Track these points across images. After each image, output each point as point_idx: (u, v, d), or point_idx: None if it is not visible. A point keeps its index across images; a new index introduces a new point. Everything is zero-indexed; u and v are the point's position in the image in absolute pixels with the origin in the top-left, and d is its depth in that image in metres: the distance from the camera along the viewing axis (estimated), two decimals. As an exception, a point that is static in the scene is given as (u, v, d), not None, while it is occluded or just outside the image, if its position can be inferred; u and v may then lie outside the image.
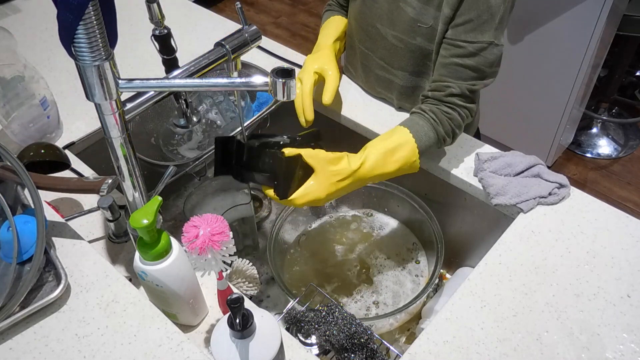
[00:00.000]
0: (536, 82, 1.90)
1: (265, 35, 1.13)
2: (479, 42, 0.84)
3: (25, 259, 0.70)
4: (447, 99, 0.89)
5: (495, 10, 0.82)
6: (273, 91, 0.58)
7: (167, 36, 0.91)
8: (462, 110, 0.90)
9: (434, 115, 0.89)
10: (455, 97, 0.89)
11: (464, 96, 0.89)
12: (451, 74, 0.88)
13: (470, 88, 0.88)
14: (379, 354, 0.76)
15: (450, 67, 0.88)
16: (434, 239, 0.97)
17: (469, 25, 0.84)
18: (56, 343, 0.66)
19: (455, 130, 0.91)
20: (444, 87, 0.89)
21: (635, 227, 0.85)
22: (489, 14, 0.82)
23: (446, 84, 0.88)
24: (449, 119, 0.89)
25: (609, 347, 0.70)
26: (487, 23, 0.83)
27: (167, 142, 1.17)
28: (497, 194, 0.89)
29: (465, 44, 0.85)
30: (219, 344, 0.59)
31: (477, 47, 0.85)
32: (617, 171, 2.19)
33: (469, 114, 0.91)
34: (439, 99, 0.90)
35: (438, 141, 0.90)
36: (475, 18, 0.83)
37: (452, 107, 0.89)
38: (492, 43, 0.85)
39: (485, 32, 0.84)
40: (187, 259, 0.66)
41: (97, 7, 0.53)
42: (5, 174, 0.75)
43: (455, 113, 0.89)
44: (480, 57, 0.86)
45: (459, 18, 0.84)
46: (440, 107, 0.90)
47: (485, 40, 0.84)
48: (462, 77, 0.88)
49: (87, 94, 0.59)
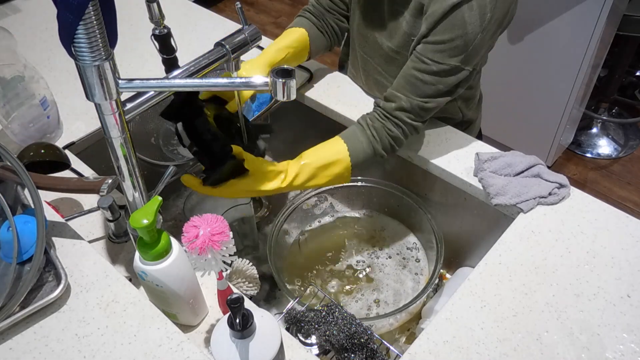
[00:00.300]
0: (536, 82, 1.90)
1: (265, 35, 1.13)
2: (444, 64, 0.83)
3: (25, 259, 0.70)
4: (395, 112, 0.89)
5: (470, 38, 0.80)
6: (273, 91, 0.58)
7: (167, 36, 0.91)
8: (408, 127, 0.89)
9: (375, 132, 0.89)
10: (404, 112, 0.88)
11: (413, 112, 0.88)
12: (408, 86, 0.87)
13: (422, 105, 0.87)
14: (379, 354, 0.76)
15: (409, 79, 0.87)
16: (434, 239, 0.97)
17: (439, 46, 0.82)
18: (56, 343, 0.66)
19: (395, 147, 0.91)
20: (396, 98, 0.88)
21: (635, 227, 0.85)
22: (463, 40, 0.81)
23: (399, 95, 0.88)
24: (390, 137, 0.89)
25: (609, 347, 0.70)
26: (458, 49, 0.82)
27: (167, 142, 1.17)
28: (497, 194, 0.89)
29: (430, 62, 0.84)
30: (219, 344, 0.59)
31: (440, 67, 0.83)
32: (617, 171, 2.19)
33: (414, 132, 0.91)
34: (388, 111, 0.89)
35: (374, 156, 0.91)
36: (447, 41, 0.81)
37: (398, 123, 0.89)
38: (457, 67, 0.84)
39: (454, 57, 0.82)
40: (187, 259, 0.66)
41: (97, 7, 0.53)
42: (5, 174, 0.75)
43: (399, 130, 0.89)
44: (441, 78, 0.85)
45: (432, 37, 0.83)
46: (386, 122, 0.89)
47: (451, 64, 0.83)
48: (417, 92, 0.86)
49: (87, 94, 0.59)
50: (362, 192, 1.12)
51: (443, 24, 0.81)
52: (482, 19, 0.79)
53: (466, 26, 0.79)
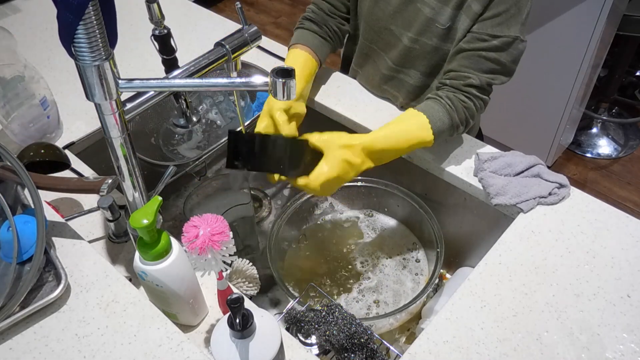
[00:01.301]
0: (536, 82, 1.90)
1: (265, 35, 1.13)
2: (505, 37, 0.85)
3: (25, 259, 0.70)
4: (465, 88, 0.89)
5: (522, 4, 0.84)
6: (273, 91, 0.58)
7: (167, 36, 0.91)
8: (478, 101, 0.90)
9: (450, 102, 0.89)
10: (474, 87, 0.89)
11: (481, 88, 0.89)
12: (473, 64, 0.88)
13: (490, 81, 0.89)
14: (379, 354, 0.76)
15: (472, 59, 0.88)
16: (434, 239, 0.97)
17: (497, 19, 0.84)
18: (56, 343, 0.66)
19: (469, 119, 0.91)
20: (464, 77, 0.89)
21: (635, 227, 0.85)
22: (517, 8, 0.83)
23: (466, 74, 0.89)
24: (464, 107, 0.90)
25: (609, 347, 0.70)
26: (514, 17, 0.84)
27: (167, 142, 1.17)
28: (497, 194, 0.89)
29: (491, 38, 0.86)
30: (219, 344, 0.59)
31: (503, 41, 0.85)
32: (617, 171, 2.19)
33: (483, 106, 0.92)
34: (457, 87, 0.90)
35: (452, 127, 0.90)
36: (503, 12, 0.84)
37: (469, 96, 0.90)
38: (517, 38, 0.86)
39: (512, 27, 0.85)
40: (187, 259, 0.66)
41: (97, 7, 0.53)
42: (5, 174, 0.75)
43: (471, 103, 0.90)
44: (505, 52, 0.86)
45: (487, 12, 0.85)
46: (458, 94, 0.90)
47: (511, 34, 0.85)
48: (483, 69, 0.88)
49: (87, 94, 0.59)
50: (362, 192, 1.12)
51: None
52: None
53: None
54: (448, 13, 0.89)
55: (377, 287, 1.01)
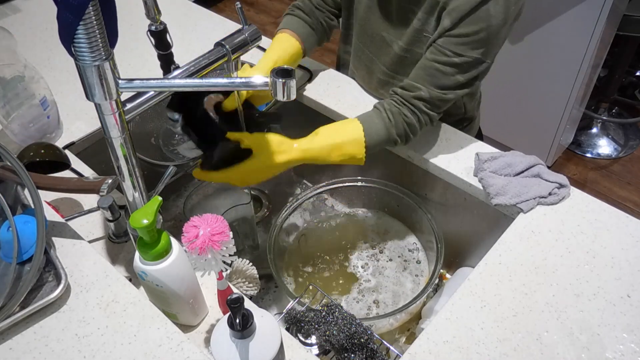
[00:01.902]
0: (536, 82, 1.90)
1: (265, 35, 1.13)
2: (466, 56, 0.83)
3: (25, 259, 0.70)
4: (413, 101, 0.89)
5: (493, 31, 0.81)
6: (273, 91, 0.58)
7: (162, 32, 0.91)
8: (423, 116, 0.89)
9: (392, 116, 0.89)
10: (422, 101, 0.88)
11: (431, 103, 0.88)
12: (427, 77, 0.87)
13: (441, 97, 0.87)
14: (379, 354, 0.76)
15: (428, 71, 0.87)
16: (434, 239, 0.97)
17: (463, 39, 0.83)
18: (56, 343, 0.66)
19: (409, 135, 0.91)
20: (415, 87, 0.88)
21: (635, 227, 0.85)
22: (486, 33, 0.81)
23: (418, 85, 0.88)
24: (406, 122, 0.89)
25: (609, 347, 0.70)
26: (481, 41, 0.82)
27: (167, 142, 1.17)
28: (497, 194, 0.89)
29: (452, 54, 0.84)
30: (219, 344, 0.59)
31: (462, 59, 0.84)
32: (617, 171, 2.19)
33: (429, 122, 0.91)
34: (405, 99, 0.90)
35: (389, 141, 0.91)
36: (471, 34, 0.82)
37: (414, 111, 0.89)
38: (478, 59, 0.84)
39: (476, 49, 0.83)
40: (187, 259, 0.66)
41: (97, 7, 0.53)
42: (5, 174, 0.75)
43: (414, 118, 0.89)
44: (462, 70, 0.85)
45: (456, 30, 0.83)
46: (402, 108, 0.89)
47: (473, 56, 0.83)
48: (437, 84, 0.87)
49: (87, 94, 0.59)
50: (362, 192, 1.12)
51: (469, 19, 0.81)
52: (507, 12, 0.81)
53: (490, 19, 0.80)
54: (432, 24, 0.89)
55: (377, 287, 1.01)
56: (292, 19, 1.06)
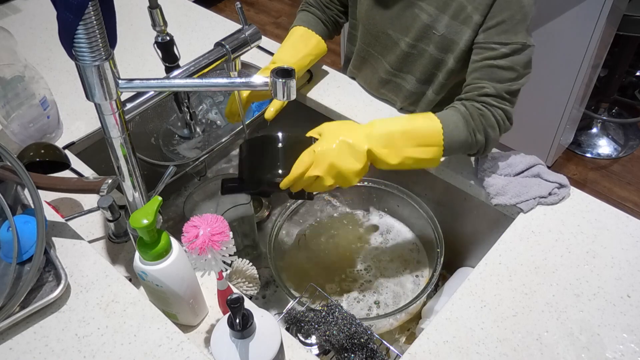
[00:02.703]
0: (536, 82, 1.90)
1: (265, 35, 1.13)
2: (512, 44, 0.83)
3: (25, 259, 0.70)
4: (480, 98, 0.86)
5: (527, 10, 0.82)
6: (273, 91, 0.58)
7: (169, 43, 0.90)
8: (496, 110, 0.85)
9: (466, 109, 0.85)
10: (490, 97, 0.85)
11: (499, 97, 0.86)
12: (485, 76, 0.85)
13: (507, 89, 0.85)
14: (379, 354, 0.76)
15: (484, 70, 0.85)
16: (434, 239, 0.97)
17: (502, 26, 0.83)
18: (56, 343, 0.66)
19: (487, 129, 0.85)
20: (478, 87, 0.86)
21: (635, 227, 0.85)
22: (522, 14, 0.82)
23: (480, 84, 0.85)
24: (481, 114, 0.84)
25: (609, 347, 0.70)
26: (520, 24, 0.82)
27: (167, 142, 1.17)
28: (497, 194, 0.89)
29: (499, 46, 0.83)
30: (219, 344, 0.59)
31: (512, 48, 0.83)
32: (617, 171, 2.19)
33: (504, 116, 0.86)
34: (472, 98, 0.86)
35: (468, 136, 0.83)
36: (507, 19, 0.82)
37: (485, 105, 0.85)
38: (524, 44, 0.84)
39: (518, 33, 0.83)
40: (187, 259, 0.66)
41: (97, 7, 0.53)
42: (5, 174, 0.75)
43: (488, 111, 0.85)
44: (515, 58, 0.84)
45: (490, 21, 0.83)
46: (473, 103, 0.86)
47: (518, 41, 0.83)
48: (497, 79, 0.85)
49: (87, 94, 0.59)
50: (362, 192, 1.12)
51: (498, 5, 0.82)
52: None
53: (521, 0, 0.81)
54: (445, 21, 0.88)
55: (377, 288, 1.01)
56: (307, 15, 1.08)
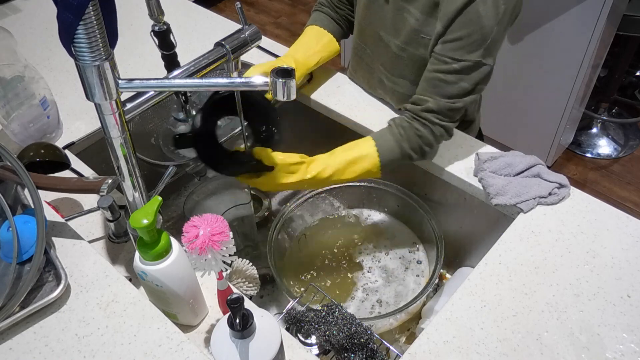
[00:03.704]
0: (536, 82, 1.90)
1: (265, 35, 1.13)
2: (465, 61, 0.83)
3: (25, 259, 0.70)
4: (422, 114, 0.89)
5: (487, 31, 0.81)
6: (273, 91, 0.57)
7: (166, 32, 0.91)
8: (436, 127, 0.89)
9: (403, 131, 0.89)
10: (431, 113, 0.88)
11: (441, 113, 0.88)
12: (432, 88, 0.87)
13: (450, 106, 0.87)
14: (379, 354, 0.76)
15: (432, 82, 0.87)
16: (434, 239, 0.97)
17: (458, 43, 0.83)
18: (56, 343, 0.66)
19: (424, 147, 0.90)
20: (422, 101, 0.88)
21: (635, 227, 0.85)
22: (480, 34, 0.81)
23: (425, 98, 0.88)
24: (418, 136, 0.89)
25: (609, 347, 0.70)
26: (477, 43, 0.82)
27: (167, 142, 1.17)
28: (497, 194, 0.89)
29: (451, 61, 0.84)
30: (219, 344, 0.59)
31: (462, 65, 0.83)
32: (617, 171, 2.19)
33: (445, 133, 0.91)
34: (415, 113, 0.90)
35: (402, 157, 0.91)
36: (465, 37, 0.82)
37: (426, 123, 0.89)
38: (478, 62, 0.84)
39: (474, 52, 0.83)
40: (187, 259, 0.66)
41: (97, 7, 0.53)
42: (5, 174, 0.75)
43: (427, 130, 0.89)
44: (464, 75, 0.84)
45: (449, 35, 0.83)
46: (413, 123, 0.89)
47: (472, 59, 0.83)
48: (443, 94, 0.86)
49: (87, 94, 0.59)
50: (362, 192, 1.12)
51: (458, 21, 0.81)
52: (497, 11, 0.80)
53: (482, 20, 0.80)
54: (432, 25, 0.88)
55: (377, 288, 1.01)
56: (320, 15, 1.09)
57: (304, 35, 1.08)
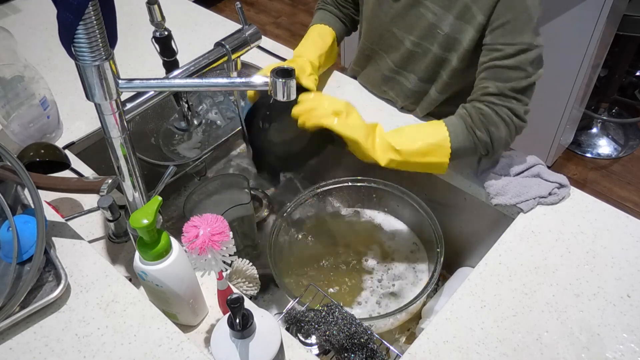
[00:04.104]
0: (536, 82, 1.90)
1: (265, 35, 1.13)
2: (517, 44, 0.83)
3: (25, 259, 0.70)
4: (483, 97, 0.86)
5: (532, 11, 0.81)
6: (273, 91, 0.58)
7: (167, 38, 0.91)
8: (500, 108, 0.85)
9: (465, 111, 0.87)
10: (493, 96, 0.86)
11: (502, 95, 0.85)
12: (490, 76, 0.86)
13: (513, 87, 0.85)
14: (379, 354, 0.76)
15: (490, 70, 0.86)
16: (434, 239, 0.97)
17: (507, 27, 0.82)
18: (56, 343, 0.66)
19: (490, 127, 0.85)
20: (482, 87, 0.87)
21: (635, 227, 0.85)
22: (527, 14, 0.81)
23: (484, 85, 0.86)
24: (480, 114, 0.86)
25: (609, 347, 0.70)
26: (525, 24, 0.82)
27: (167, 142, 1.17)
28: (497, 194, 0.89)
29: (504, 47, 0.83)
30: (219, 344, 0.59)
31: (516, 48, 0.83)
32: (617, 171, 2.19)
33: (511, 114, 0.86)
34: (475, 99, 0.88)
35: (468, 134, 0.86)
36: (512, 20, 0.82)
37: (487, 104, 0.86)
38: (530, 44, 0.83)
39: (524, 34, 0.82)
40: (187, 259, 0.66)
41: (97, 7, 0.53)
42: (5, 174, 0.75)
43: (489, 110, 0.85)
44: (520, 57, 0.84)
45: (495, 22, 0.83)
46: (475, 104, 0.87)
47: (524, 41, 0.83)
48: (502, 79, 0.85)
49: (87, 94, 0.59)
50: (362, 192, 1.12)
51: (501, 6, 0.81)
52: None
53: (526, 1, 0.81)
54: (450, 20, 0.88)
55: (377, 287, 1.01)
56: (325, 13, 1.10)
57: (312, 34, 1.07)
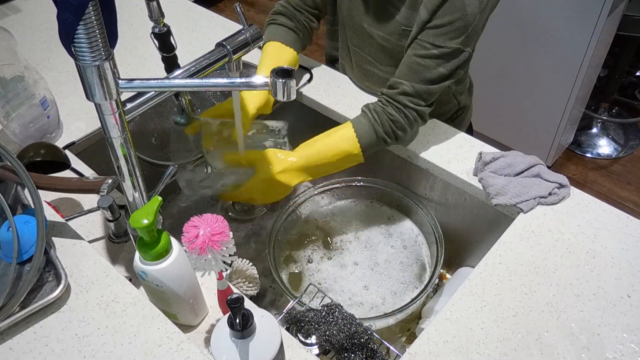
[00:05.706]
0: (536, 82, 1.90)
1: (266, 35, 1.13)
2: (445, 47, 0.85)
3: (25, 259, 0.70)
4: (397, 97, 0.90)
5: (470, 19, 0.82)
6: (273, 91, 0.58)
7: (166, 34, 0.91)
8: (409, 111, 0.90)
9: (376, 115, 0.91)
10: (406, 96, 0.89)
11: (416, 96, 0.89)
12: (410, 72, 0.88)
13: (426, 89, 0.88)
14: (379, 354, 0.76)
15: (410, 66, 0.88)
16: (434, 239, 0.97)
17: (440, 29, 0.84)
18: (56, 343, 0.66)
19: (397, 132, 0.92)
20: (399, 84, 0.90)
21: (635, 227, 0.85)
22: (463, 22, 0.82)
23: (401, 82, 0.89)
24: (391, 120, 0.90)
25: (609, 347, 0.70)
26: (458, 31, 0.83)
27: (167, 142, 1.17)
28: (497, 194, 0.89)
29: (431, 47, 0.85)
30: (219, 344, 0.59)
31: (442, 51, 0.85)
32: (617, 171, 2.19)
33: (418, 117, 0.92)
34: (390, 97, 0.91)
35: (379, 140, 0.92)
36: (447, 24, 0.83)
37: (399, 107, 0.90)
38: (458, 49, 0.85)
39: (455, 39, 0.84)
40: (187, 259, 0.66)
41: (97, 7, 0.53)
42: (5, 174, 0.75)
43: (400, 115, 0.90)
44: (443, 61, 0.86)
45: (433, 21, 0.84)
46: (386, 107, 0.91)
47: (452, 46, 0.84)
48: (420, 78, 0.88)
49: (87, 94, 0.59)
50: (362, 192, 1.12)
51: (444, 8, 0.82)
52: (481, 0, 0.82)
53: (465, 8, 0.81)
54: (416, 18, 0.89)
55: (377, 287, 1.01)
56: (277, 28, 1.05)
57: (265, 53, 1.03)
